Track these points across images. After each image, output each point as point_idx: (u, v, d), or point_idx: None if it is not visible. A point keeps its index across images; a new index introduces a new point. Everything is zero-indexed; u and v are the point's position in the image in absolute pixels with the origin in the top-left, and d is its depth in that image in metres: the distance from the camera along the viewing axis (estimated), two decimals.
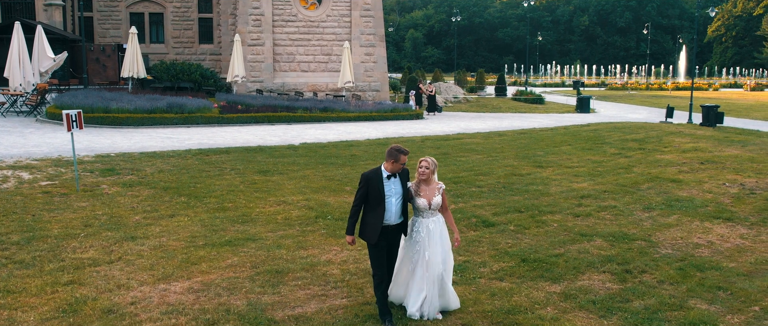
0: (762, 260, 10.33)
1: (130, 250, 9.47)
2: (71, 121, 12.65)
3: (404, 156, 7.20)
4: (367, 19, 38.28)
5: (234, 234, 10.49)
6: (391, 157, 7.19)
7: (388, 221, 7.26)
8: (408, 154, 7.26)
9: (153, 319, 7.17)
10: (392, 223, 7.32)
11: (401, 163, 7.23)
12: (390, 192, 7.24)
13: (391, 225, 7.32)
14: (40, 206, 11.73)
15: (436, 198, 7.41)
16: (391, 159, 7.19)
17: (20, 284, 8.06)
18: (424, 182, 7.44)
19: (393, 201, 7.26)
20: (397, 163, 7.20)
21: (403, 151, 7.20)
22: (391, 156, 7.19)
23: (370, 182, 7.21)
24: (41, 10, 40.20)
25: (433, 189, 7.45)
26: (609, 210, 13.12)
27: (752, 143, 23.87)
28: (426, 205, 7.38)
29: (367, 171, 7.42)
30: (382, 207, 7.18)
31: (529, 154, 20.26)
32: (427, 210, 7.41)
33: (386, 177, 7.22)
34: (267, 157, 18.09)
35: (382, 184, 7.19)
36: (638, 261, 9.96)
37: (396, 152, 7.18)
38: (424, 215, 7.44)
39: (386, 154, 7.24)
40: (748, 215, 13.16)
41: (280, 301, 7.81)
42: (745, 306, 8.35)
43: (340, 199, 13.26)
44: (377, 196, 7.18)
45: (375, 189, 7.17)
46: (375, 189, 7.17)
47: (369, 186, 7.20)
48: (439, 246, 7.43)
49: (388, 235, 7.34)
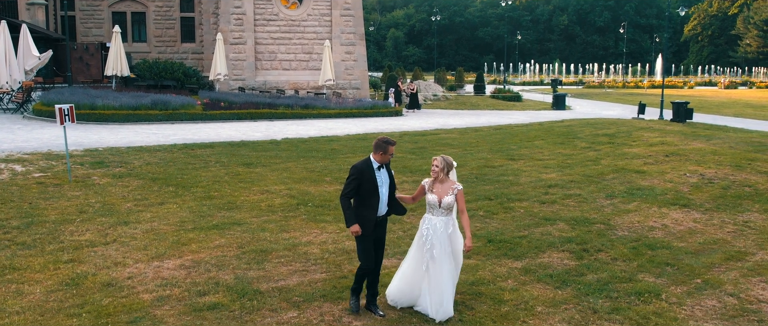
0: (710, 241, 11.20)
1: (124, 233, 10.16)
2: (64, 115, 13.28)
3: (392, 146, 7.32)
4: (347, 18, 39.00)
5: (220, 219, 11.21)
6: (380, 148, 7.29)
7: (381, 212, 7.38)
8: (395, 145, 7.40)
9: (149, 291, 7.88)
10: (382, 214, 7.44)
11: (390, 154, 7.33)
12: (381, 183, 7.33)
13: (381, 216, 7.44)
14: (35, 195, 12.38)
15: (447, 197, 7.44)
16: (380, 150, 7.29)
17: (24, 262, 8.73)
18: (438, 181, 7.51)
19: (384, 191, 7.36)
20: (385, 155, 7.30)
21: (390, 141, 7.31)
22: (380, 147, 7.28)
23: (363, 173, 7.25)
24: (24, 9, 40.55)
25: (446, 188, 7.49)
26: (573, 198, 13.96)
27: (717, 137, 24.85)
28: (436, 203, 7.44)
29: (357, 162, 7.44)
30: (376, 197, 7.27)
31: (503, 148, 21.08)
32: (437, 209, 7.47)
33: (377, 168, 7.32)
34: (250, 150, 18.77)
35: (374, 175, 7.28)
36: (596, 241, 10.80)
37: (383, 143, 7.28)
38: (433, 212, 7.52)
39: (374, 146, 7.34)
40: (704, 202, 14.05)
41: (264, 275, 8.55)
42: (688, 279, 9.20)
43: (320, 188, 14.00)
44: (371, 187, 7.26)
45: (369, 180, 7.24)
46: (369, 180, 7.24)
47: (362, 177, 7.24)
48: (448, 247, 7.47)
49: (380, 227, 7.48)
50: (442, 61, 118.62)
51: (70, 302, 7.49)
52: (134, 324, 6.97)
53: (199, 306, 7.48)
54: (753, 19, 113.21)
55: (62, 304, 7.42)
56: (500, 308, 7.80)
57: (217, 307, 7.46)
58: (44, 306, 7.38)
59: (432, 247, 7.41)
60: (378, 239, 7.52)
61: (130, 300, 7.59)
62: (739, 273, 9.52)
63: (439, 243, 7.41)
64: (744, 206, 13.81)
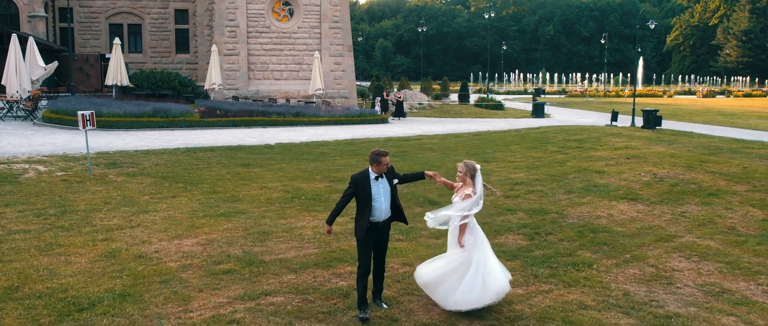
0: (647, 227, 13.09)
1: (146, 219, 11.96)
2: (85, 119, 15.06)
3: (384, 157, 7.73)
4: (336, 30, 40.91)
5: (226, 209, 13.02)
6: (374, 161, 7.75)
7: (377, 219, 7.84)
8: (388, 155, 7.84)
9: (173, 260, 9.69)
10: (381, 219, 7.88)
11: (384, 165, 7.73)
12: (377, 193, 7.78)
13: (380, 222, 7.89)
14: (62, 190, 14.15)
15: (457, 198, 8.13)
16: (374, 163, 7.75)
17: (67, 240, 10.52)
18: (466, 185, 8.14)
19: (381, 200, 7.80)
20: (380, 166, 7.73)
21: (382, 153, 7.74)
22: (374, 160, 7.74)
23: (358, 184, 7.74)
24: (25, 22, 42.23)
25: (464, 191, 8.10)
26: (535, 193, 15.83)
27: (679, 142, 26.80)
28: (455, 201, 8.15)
29: (356, 173, 7.94)
30: (369, 207, 7.72)
31: (479, 152, 22.94)
32: None
33: (374, 179, 7.77)
34: (247, 153, 20.57)
35: (370, 186, 7.73)
36: (547, 227, 12.68)
37: (376, 156, 7.73)
38: None
39: (369, 159, 7.82)
40: (651, 197, 15.94)
41: (267, 250, 10.37)
42: (619, 255, 11.08)
43: (312, 185, 15.82)
44: (365, 197, 7.72)
45: (363, 190, 7.71)
46: (363, 191, 7.71)
47: (357, 187, 7.74)
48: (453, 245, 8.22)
49: (376, 231, 7.93)
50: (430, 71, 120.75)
51: (111, 269, 9.28)
52: (165, 283, 8.77)
53: (215, 271, 9.30)
54: (732, 29, 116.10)
55: (105, 270, 9.22)
56: None
57: (230, 272, 9.28)
58: (90, 271, 9.17)
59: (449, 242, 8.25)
60: (377, 243, 8.03)
61: (160, 267, 9.40)
62: (663, 251, 11.40)
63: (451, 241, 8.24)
64: (685, 200, 15.70)
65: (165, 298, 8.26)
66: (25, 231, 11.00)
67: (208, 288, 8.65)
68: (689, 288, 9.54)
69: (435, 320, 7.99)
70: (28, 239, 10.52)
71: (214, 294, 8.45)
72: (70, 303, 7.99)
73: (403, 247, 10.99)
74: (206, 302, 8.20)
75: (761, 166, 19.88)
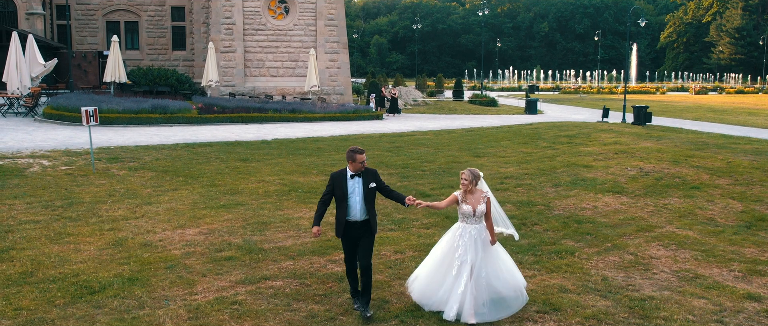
0: (629, 218, 13.67)
1: (149, 211, 12.50)
2: (89, 116, 15.57)
3: (359, 154, 7.87)
4: (331, 28, 41.43)
5: (226, 201, 13.56)
6: (349, 158, 7.93)
7: (353, 217, 7.97)
8: (364, 153, 7.97)
9: (177, 248, 10.23)
10: (357, 219, 7.99)
11: (359, 162, 7.87)
12: (352, 191, 7.93)
13: (357, 221, 8.01)
14: (67, 183, 14.67)
15: (480, 206, 7.98)
16: (349, 160, 7.93)
17: (74, 230, 11.05)
18: (469, 192, 8.04)
19: (356, 199, 7.94)
20: (355, 163, 7.88)
21: (357, 150, 7.90)
22: (349, 157, 7.93)
23: (335, 181, 7.97)
24: (23, 19, 42.61)
25: (477, 198, 8.03)
26: (524, 187, 16.40)
27: (667, 138, 27.42)
28: (470, 212, 7.96)
29: (335, 171, 8.16)
30: (345, 203, 7.91)
31: (471, 147, 23.51)
32: (472, 217, 7.99)
33: (350, 177, 7.94)
34: (245, 149, 21.10)
35: (346, 183, 7.92)
36: (534, 218, 13.25)
37: (351, 153, 7.92)
38: (468, 221, 8.03)
39: (346, 156, 8.02)
40: (635, 190, 16.52)
41: (266, 239, 10.92)
42: (600, 244, 11.65)
43: (308, 179, 16.36)
44: (341, 194, 7.91)
45: (339, 187, 7.92)
46: (339, 188, 7.92)
47: (334, 184, 7.96)
48: (481, 252, 8.01)
49: (353, 230, 8.04)
50: (425, 68, 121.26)
51: (118, 256, 9.82)
52: (171, 269, 9.31)
53: (218, 258, 9.85)
54: (725, 27, 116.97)
55: (113, 257, 9.76)
56: None
57: (231, 259, 9.83)
58: (99, 258, 9.71)
59: (465, 253, 7.94)
60: (355, 241, 8.10)
61: (164, 254, 9.94)
62: (643, 240, 11.98)
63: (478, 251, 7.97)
64: (668, 193, 16.28)
65: (171, 282, 8.80)
66: (34, 221, 11.53)
67: (211, 273, 9.19)
68: (665, 274, 10.11)
69: None
70: (38, 229, 11.06)
71: (217, 279, 9.00)
72: (82, 286, 8.53)
73: (396, 237, 11.53)
74: (210, 285, 8.75)
75: (745, 161, 20.49)
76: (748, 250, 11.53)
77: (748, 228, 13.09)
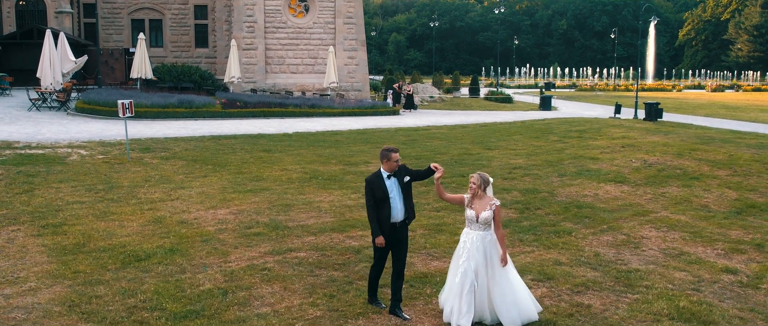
0: (627, 204, 14.64)
1: (183, 194, 13.66)
2: (125, 107, 16.76)
3: (394, 153, 7.71)
4: (349, 25, 42.56)
5: (252, 186, 14.70)
6: (384, 157, 7.73)
7: (396, 218, 7.73)
8: (398, 151, 7.83)
9: (211, 225, 11.38)
10: (399, 219, 7.77)
11: (394, 161, 7.68)
12: (392, 191, 7.71)
13: (399, 222, 7.79)
14: (106, 170, 15.87)
15: (485, 213, 7.66)
16: (384, 159, 7.73)
17: (117, 210, 12.23)
18: (477, 197, 7.78)
19: (396, 198, 7.73)
20: (390, 162, 7.69)
21: (392, 149, 7.74)
22: (384, 156, 7.72)
23: (373, 184, 7.71)
24: (53, 17, 44.12)
25: (484, 204, 7.73)
26: (531, 176, 17.40)
27: (675, 133, 28.24)
28: (473, 217, 7.71)
29: (368, 175, 7.92)
30: (388, 205, 7.65)
31: (484, 141, 24.50)
32: (475, 223, 7.71)
33: (386, 177, 7.73)
34: (268, 141, 22.24)
35: (384, 184, 7.70)
36: (538, 203, 14.26)
37: (386, 152, 7.72)
38: (471, 227, 7.78)
39: (380, 157, 7.81)
40: (637, 180, 17.45)
41: (290, 219, 12.04)
42: (597, 226, 12.65)
43: (327, 168, 17.47)
44: (382, 197, 7.66)
45: (379, 189, 7.66)
46: (379, 189, 7.66)
47: (373, 187, 7.69)
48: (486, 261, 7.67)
49: (395, 233, 7.80)
50: (442, 65, 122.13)
51: (159, 231, 10.97)
52: (206, 242, 10.45)
53: (247, 233, 10.98)
54: (744, 24, 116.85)
55: (154, 232, 10.91)
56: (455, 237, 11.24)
57: (260, 235, 10.95)
58: (142, 232, 10.86)
59: (468, 260, 7.64)
60: (396, 243, 7.87)
61: (200, 230, 11.08)
62: (637, 223, 12.96)
63: (477, 257, 7.64)
64: (668, 183, 17.20)
65: (207, 253, 9.93)
66: (80, 202, 12.73)
67: (242, 246, 10.32)
68: (653, 251, 11.10)
69: None
70: (85, 208, 12.25)
71: (248, 250, 10.12)
72: (130, 255, 9.69)
73: None
74: (242, 255, 9.88)
75: (746, 154, 21.34)
76: (734, 232, 12.49)
77: (739, 214, 14.04)
